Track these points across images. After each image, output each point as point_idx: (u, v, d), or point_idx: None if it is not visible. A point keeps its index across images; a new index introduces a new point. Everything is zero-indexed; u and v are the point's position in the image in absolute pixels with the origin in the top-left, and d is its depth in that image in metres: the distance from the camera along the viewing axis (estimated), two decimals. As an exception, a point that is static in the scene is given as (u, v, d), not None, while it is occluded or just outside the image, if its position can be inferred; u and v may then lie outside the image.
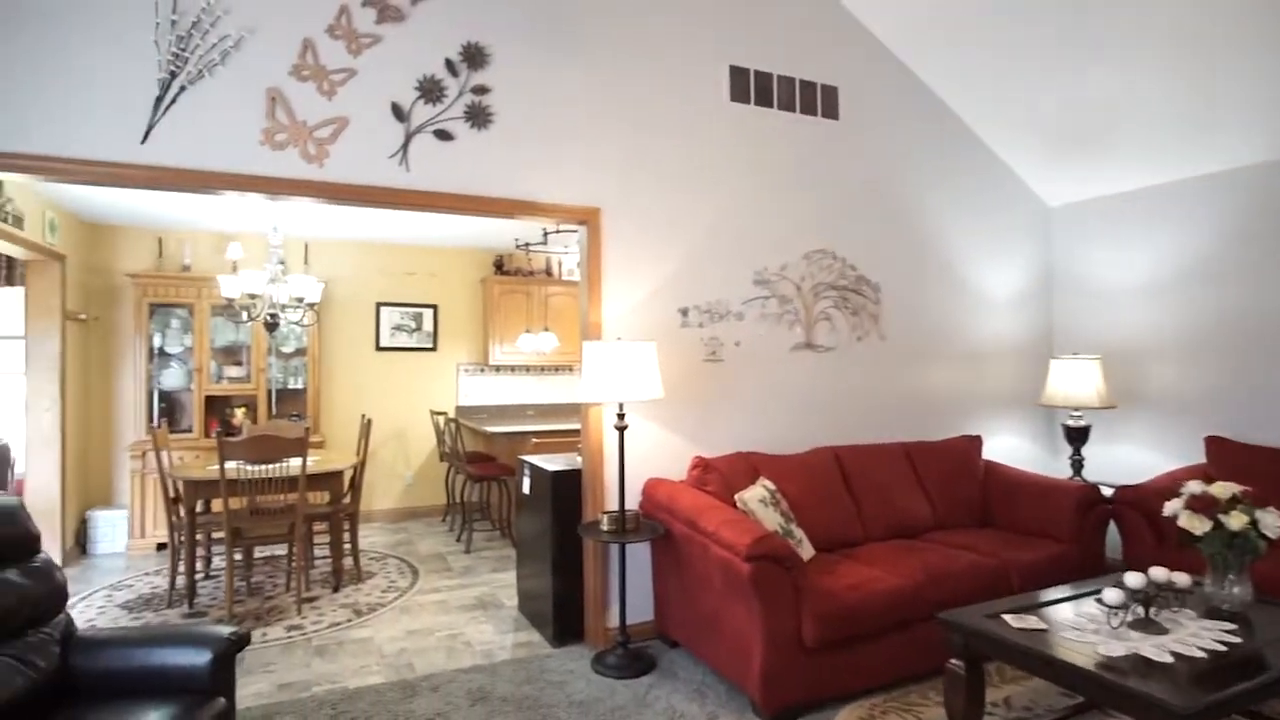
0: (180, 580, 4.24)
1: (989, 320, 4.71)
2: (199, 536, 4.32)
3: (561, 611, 3.55)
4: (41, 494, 4.90)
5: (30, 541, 2.29)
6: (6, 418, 5.11)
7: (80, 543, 5.39)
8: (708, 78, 3.83)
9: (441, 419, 5.88)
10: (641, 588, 3.54)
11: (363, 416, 5.17)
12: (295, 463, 4.03)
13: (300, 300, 4.58)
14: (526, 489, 3.92)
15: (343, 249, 6.43)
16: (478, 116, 3.32)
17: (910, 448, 4.05)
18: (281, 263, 4.68)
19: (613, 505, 3.44)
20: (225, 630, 2.24)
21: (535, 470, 3.81)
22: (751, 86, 3.93)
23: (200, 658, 2.15)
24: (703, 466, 3.37)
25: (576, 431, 4.77)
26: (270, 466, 3.98)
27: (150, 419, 5.58)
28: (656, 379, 3.25)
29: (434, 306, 6.76)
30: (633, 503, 3.49)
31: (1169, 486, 3.58)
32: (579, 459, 3.74)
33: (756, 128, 3.95)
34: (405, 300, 6.67)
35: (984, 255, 4.70)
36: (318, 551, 5.10)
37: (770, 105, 3.99)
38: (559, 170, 3.49)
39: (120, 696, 2.14)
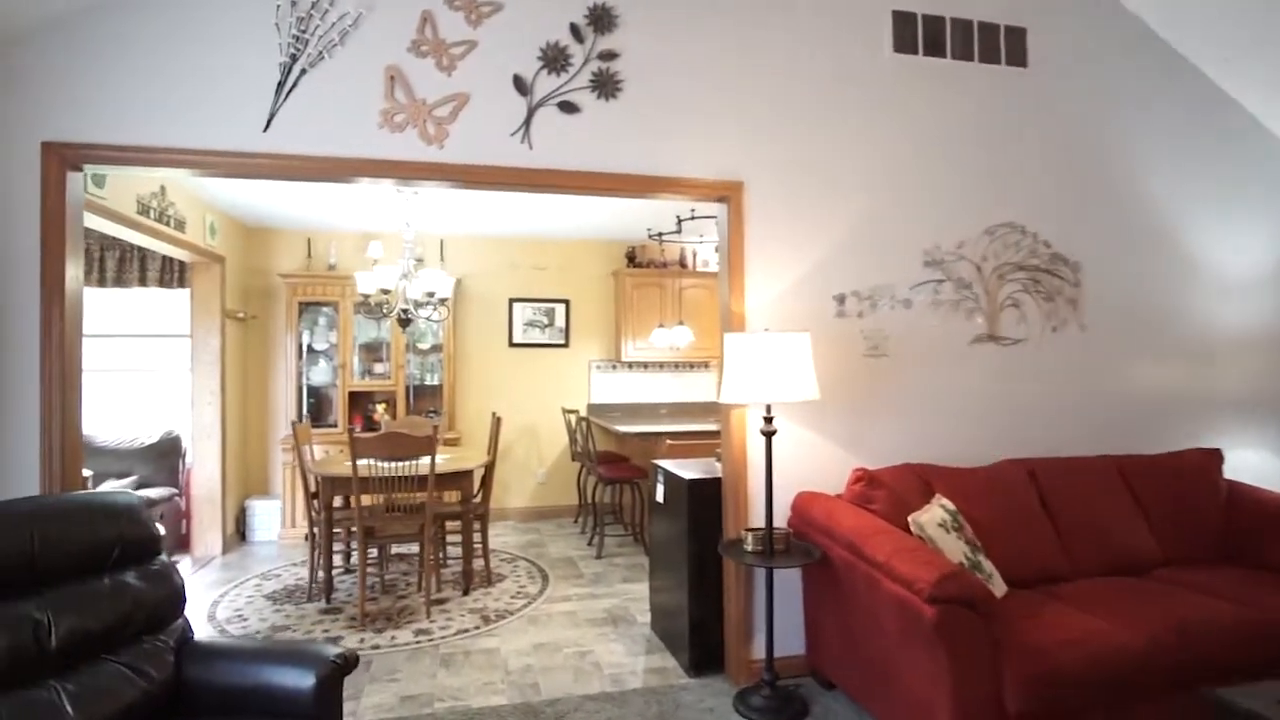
0: (319, 574, 4.27)
1: (1224, 305, 3.80)
2: (337, 531, 4.33)
3: (698, 636, 3.17)
4: (205, 484, 5.17)
5: (151, 542, 2.20)
6: (176, 412, 5.44)
7: (240, 530, 5.67)
8: (867, 26, 3.29)
9: (573, 417, 5.68)
10: (790, 614, 3.07)
11: (493, 415, 5.05)
12: (425, 461, 3.92)
13: (431, 295, 4.49)
14: (660, 497, 3.57)
15: (476, 244, 6.39)
16: (605, 85, 3.00)
17: (1124, 463, 3.30)
18: (419, 259, 4.61)
19: (758, 521, 3.01)
20: (331, 652, 2.04)
21: (669, 477, 3.45)
22: (919, 33, 3.35)
23: (304, 680, 1.97)
24: (866, 480, 2.86)
25: (713, 433, 4.37)
26: (401, 464, 3.89)
27: (299, 414, 5.77)
28: (811, 377, 2.78)
29: (565, 301, 6.60)
30: (780, 519, 3.03)
31: None
32: (717, 465, 3.34)
33: (926, 82, 3.36)
34: (537, 295, 6.55)
35: (1216, 226, 3.80)
36: (450, 551, 5.03)
37: (942, 54, 3.38)
38: (695, 142, 3.10)
39: (228, 714, 2.01)
